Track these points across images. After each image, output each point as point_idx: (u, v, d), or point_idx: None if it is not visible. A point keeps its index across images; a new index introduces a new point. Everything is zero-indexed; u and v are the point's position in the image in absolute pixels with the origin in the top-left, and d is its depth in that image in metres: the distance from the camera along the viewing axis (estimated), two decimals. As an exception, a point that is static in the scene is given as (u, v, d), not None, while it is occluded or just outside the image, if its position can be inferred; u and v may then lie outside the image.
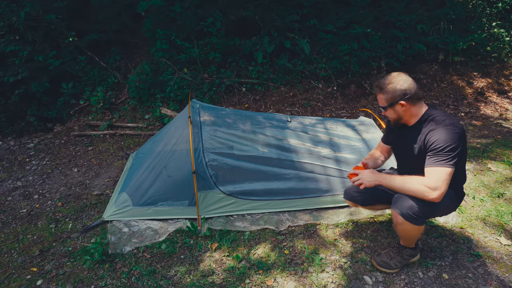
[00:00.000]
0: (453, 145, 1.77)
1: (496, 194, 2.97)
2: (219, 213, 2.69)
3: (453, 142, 1.77)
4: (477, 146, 4.08)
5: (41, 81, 5.10)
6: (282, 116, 3.24)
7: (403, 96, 1.87)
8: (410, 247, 2.12)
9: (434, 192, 1.75)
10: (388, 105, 1.94)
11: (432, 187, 1.76)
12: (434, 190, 1.75)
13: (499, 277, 2.11)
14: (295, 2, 5.93)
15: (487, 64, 6.22)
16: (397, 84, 1.88)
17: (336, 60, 5.73)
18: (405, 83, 1.87)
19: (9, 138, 4.94)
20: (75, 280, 2.19)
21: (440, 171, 1.77)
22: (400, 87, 1.87)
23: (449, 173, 1.77)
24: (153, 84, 5.37)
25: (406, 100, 1.88)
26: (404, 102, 1.88)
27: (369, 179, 1.94)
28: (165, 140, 2.94)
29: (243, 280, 2.13)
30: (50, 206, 3.10)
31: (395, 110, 1.94)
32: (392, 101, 1.91)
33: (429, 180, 1.78)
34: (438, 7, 6.47)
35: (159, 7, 5.63)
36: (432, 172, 1.79)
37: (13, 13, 5.00)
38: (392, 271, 2.14)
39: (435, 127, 1.85)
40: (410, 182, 1.83)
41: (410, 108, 1.91)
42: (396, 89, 1.88)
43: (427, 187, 1.77)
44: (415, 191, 1.80)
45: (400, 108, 1.91)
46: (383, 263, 2.16)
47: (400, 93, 1.87)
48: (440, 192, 1.75)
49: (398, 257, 2.13)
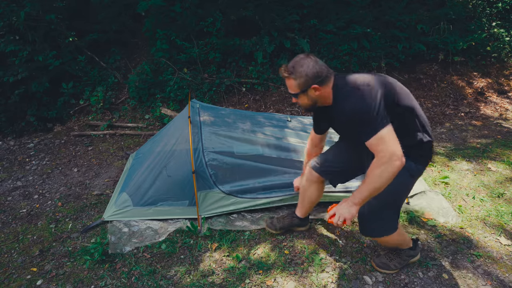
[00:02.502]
0: (367, 109, 1.59)
1: (496, 194, 2.97)
2: (219, 213, 2.69)
3: (365, 106, 1.60)
4: (477, 146, 4.08)
5: (41, 81, 5.10)
6: (282, 116, 3.24)
7: (315, 79, 1.71)
8: (408, 247, 2.12)
9: (393, 161, 1.56)
10: (301, 91, 1.76)
11: (387, 159, 1.57)
12: (392, 158, 1.56)
13: (499, 277, 2.11)
14: (295, 2, 5.93)
15: (487, 64, 6.22)
16: (307, 67, 1.70)
17: (336, 60, 5.72)
18: (316, 65, 1.71)
19: (9, 138, 4.94)
20: (75, 280, 2.19)
21: (378, 140, 1.59)
22: (312, 69, 1.70)
23: (387, 133, 1.58)
24: (153, 84, 5.37)
25: (319, 83, 1.72)
26: (318, 86, 1.72)
27: (347, 210, 1.70)
28: (165, 140, 2.94)
29: (243, 280, 2.13)
30: (50, 206, 3.10)
31: (308, 96, 1.78)
32: (304, 86, 1.74)
33: (378, 156, 1.60)
34: (438, 7, 6.46)
35: (159, 7, 5.63)
36: (373, 146, 1.62)
37: (13, 13, 5.00)
38: (392, 272, 2.14)
39: (344, 99, 1.69)
40: (372, 177, 1.63)
41: (324, 89, 1.75)
42: (308, 72, 1.70)
43: (386, 163, 1.58)
44: (382, 178, 1.60)
45: (314, 92, 1.75)
46: (382, 265, 2.15)
47: (312, 76, 1.70)
48: (398, 153, 1.57)
49: (398, 258, 2.13)
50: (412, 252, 2.13)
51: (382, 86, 1.67)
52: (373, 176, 1.62)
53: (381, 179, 1.61)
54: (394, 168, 1.57)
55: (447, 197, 2.94)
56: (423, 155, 1.80)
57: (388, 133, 1.58)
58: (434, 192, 2.96)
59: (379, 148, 1.59)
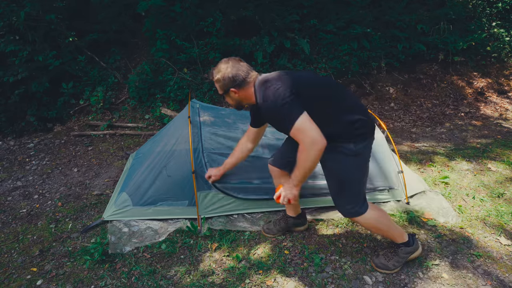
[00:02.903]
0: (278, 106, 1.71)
1: (496, 194, 2.97)
2: (219, 213, 2.69)
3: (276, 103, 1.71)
4: (477, 146, 4.08)
5: (41, 81, 5.09)
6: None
7: (231, 83, 1.87)
8: (405, 242, 2.10)
9: (313, 145, 1.68)
10: (224, 93, 1.94)
11: (308, 145, 1.69)
12: (311, 144, 1.68)
13: (499, 277, 2.11)
14: (295, 2, 5.93)
15: (487, 64, 6.22)
16: (224, 72, 1.86)
17: (336, 60, 5.73)
18: (232, 70, 1.85)
19: (9, 138, 4.94)
20: (75, 280, 2.19)
21: (296, 130, 1.70)
22: (227, 75, 1.85)
23: (302, 122, 1.69)
24: (153, 84, 5.37)
25: (236, 87, 1.87)
26: (235, 89, 1.88)
27: (289, 191, 1.91)
28: (165, 140, 2.94)
29: (243, 280, 2.13)
30: (50, 206, 3.10)
31: (230, 97, 1.95)
32: (224, 89, 1.91)
33: (300, 144, 1.73)
34: (438, 7, 6.46)
35: (159, 7, 5.63)
36: (294, 136, 1.73)
37: (13, 13, 4.99)
38: (391, 271, 2.14)
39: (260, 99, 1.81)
40: (300, 161, 1.78)
41: (244, 92, 1.90)
42: (224, 77, 1.86)
43: (307, 149, 1.70)
44: (308, 161, 1.74)
45: (234, 94, 1.91)
46: (381, 265, 2.16)
47: (229, 81, 1.86)
48: (316, 139, 1.68)
49: (396, 257, 2.13)
50: (408, 248, 2.11)
51: (291, 80, 1.78)
52: (300, 161, 1.77)
53: (307, 162, 1.75)
54: (316, 151, 1.70)
55: (447, 197, 2.94)
56: (359, 133, 1.85)
57: (304, 122, 1.69)
58: (434, 192, 2.96)
59: (299, 137, 1.71)
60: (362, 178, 1.95)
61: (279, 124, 1.82)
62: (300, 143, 1.73)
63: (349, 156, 1.85)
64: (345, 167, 1.89)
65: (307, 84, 1.84)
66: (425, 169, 3.51)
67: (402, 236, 2.10)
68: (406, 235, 2.11)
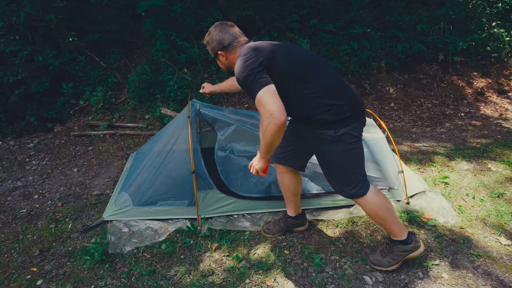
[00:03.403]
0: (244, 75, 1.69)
1: (496, 194, 2.97)
2: (219, 213, 2.69)
3: (242, 72, 1.70)
4: (477, 146, 4.08)
5: (41, 81, 5.09)
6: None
7: (219, 46, 1.91)
8: (401, 239, 2.05)
9: (272, 119, 1.61)
10: (214, 56, 1.99)
11: (266, 119, 1.63)
12: (270, 118, 1.62)
13: (499, 277, 2.11)
14: (295, 2, 5.93)
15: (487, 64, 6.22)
16: (213, 35, 1.92)
17: (336, 60, 5.72)
18: (219, 34, 1.90)
19: (9, 138, 4.93)
20: (75, 280, 2.19)
21: (258, 102, 1.66)
22: (215, 37, 1.91)
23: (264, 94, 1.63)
24: (153, 84, 5.37)
25: (223, 50, 1.91)
26: (222, 52, 1.92)
27: (257, 162, 1.91)
28: (164, 140, 2.94)
29: (243, 280, 2.13)
30: (50, 206, 3.10)
31: (220, 61, 1.99)
32: (214, 52, 1.96)
33: (261, 116, 1.68)
34: (438, 7, 6.46)
35: (159, 7, 5.62)
36: (257, 106, 1.68)
37: (13, 13, 4.99)
38: (386, 268, 2.12)
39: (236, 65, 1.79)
40: (262, 135, 1.73)
41: (230, 56, 1.93)
42: (212, 39, 1.92)
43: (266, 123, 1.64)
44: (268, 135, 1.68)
45: (222, 58, 1.95)
46: (376, 261, 2.16)
47: (216, 43, 1.92)
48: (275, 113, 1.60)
49: (390, 254, 2.11)
50: (404, 247, 2.06)
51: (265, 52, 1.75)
52: (261, 134, 1.73)
53: (268, 136, 1.69)
54: (273, 126, 1.63)
55: (447, 197, 2.94)
56: (336, 119, 1.81)
57: (266, 94, 1.63)
58: (434, 192, 2.96)
59: (260, 110, 1.67)
60: (353, 161, 1.92)
61: (247, 93, 1.77)
62: (261, 116, 1.69)
63: (333, 142, 1.84)
64: (331, 153, 1.88)
65: (284, 59, 1.79)
66: (425, 169, 3.51)
67: (401, 232, 2.05)
68: (405, 233, 2.06)
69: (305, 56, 1.88)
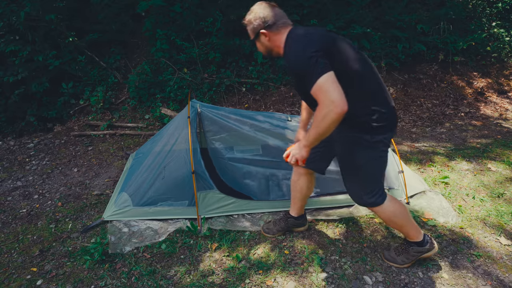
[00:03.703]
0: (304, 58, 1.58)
1: (496, 194, 2.97)
2: (219, 213, 2.69)
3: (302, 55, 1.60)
4: (477, 146, 4.08)
5: (41, 81, 5.10)
6: (282, 115, 3.24)
7: (263, 25, 1.79)
8: (417, 241, 2.09)
9: (333, 108, 1.53)
10: (254, 38, 1.86)
11: (326, 107, 1.55)
12: (331, 106, 1.54)
13: (499, 277, 2.11)
14: (295, 2, 5.93)
15: (487, 64, 6.22)
16: (256, 13, 1.80)
17: (336, 60, 5.72)
18: (264, 11, 1.79)
19: (9, 138, 4.94)
20: (75, 280, 2.19)
21: (319, 88, 1.56)
22: (259, 15, 1.79)
23: (326, 81, 1.55)
24: (153, 84, 5.37)
25: (267, 28, 1.79)
26: (265, 31, 1.79)
27: (298, 151, 1.83)
28: (164, 140, 2.94)
29: (243, 280, 2.13)
30: (50, 206, 3.10)
31: (261, 42, 1.86)
32: (255, 32, 1.83)
33: (320, 104, 1.58)
34: (438, 7, 6.46)
35: (159, 7, 5.63)
36: (314, 95, 1.59)
37: (13, 13, 5.00)
38: (399, 266, 2.17)
39: (287, 49, 1.71)
40: (316, 122, 1.64)
41: (274, 36, 1.80)
42: (255, 17, 1.80)
43: (325, 111, 1.56)
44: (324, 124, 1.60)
45: (264, 38, 1.82)
46: (390, 258, 2.20)
47: (260, 22, 1.79)
48: (337, 101, 1.53)
49: (405, 253, 2.15)
50: (420, 248, 2.10)
51: (326, 38, 1.66)
52: (316, 121, 1.63)
53: (322, 123, 1.61)
54: (334, 115, 1.55)
55: (447, 197, 2.94)
56: (378, 125, 1.75)
57: (327, 81, 1.55)
58: (434, 192, 2.96)
59: (320, 97, 1.57)
60: (379, 169, 1.90)
61: (302, 78, 1.65)
62: (319, 103, 1.59)
63: (367, 147, 1.80)
64: (362, 158, 1.83)
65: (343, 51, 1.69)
66: (425, 169, 3.51)
67: (417, 235, 2.08)
68: (421, 235, 2.09)
69: (359, 53, 1.77)
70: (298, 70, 1.66)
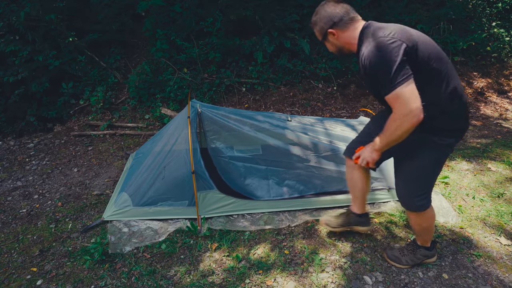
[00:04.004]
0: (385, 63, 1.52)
1: (496, 194, 2.97)
2: (219, 213, 2.69)
3: (383, 60, 1.52)
4: (477, 146, 4.08)
5: (41, 81, 5.10)
6: (282, 115, 3.24)
7: (329, 23, 1.73)
8: (425, 246, 2.12)
9: (410, 117, 1.52)
10: (322, 38, 1.81)
11: (403, 115, 1.53)
12: (408, 116, 1.51)
13: (499, 277, 2.11)
14: (295, 2, 5.93)
15: (487, 64, 6.22)
16: (320, 13, 1.76)
17: (336, 60, 5.72)
18: (328, 10, 1.74)
19: (9, 138, 4.94)
20: (75, 280, 2.19)
21: (396, 96, 1.53)
22: (324, 14, 1.74)
23: (406, 90, 1.51)
24: (153, 84, 5.37)
25: (333, 27, 1.73)
26: (333, 30, 1.74)
27: (369, 154, 1.82)
28: (164, 140, 2.94)
29: (243, 280, 2.13)
30: (50, 206, 3.10)
31: (330, 42, 1.81)
32: (323, 33, 1.78)
33: (395, 112, 1.56)
34: (438, 7, 6.46)
35: (159, 7, 5.63)
36: (391, 101, 1.56)
37: (13, 13, 5.00)
38: (401, 266, 2.17)
39: (365, 49, 1.62)
40: (389, 129, 1.63)
41: (343, 34, 1.74)
42: (320, 18, 1.75)
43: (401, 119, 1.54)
44: (398, 132, 1.59)
45: (332, 37, 1.77)
46: (394, 257, 2.19)
47: (326, 21, 1.74)
48: (415, 111, 1.50)
49: (411, 255, 2.15)
50: (427, 252, 2.13)
51: (410, 37, 1.57)
52: (390, 129, 1.62)
53: (396, 132, 1.59)
54: (410, 125, 1.54)
55: (447, 197, 2.94)
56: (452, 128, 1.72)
57: (407, 91, 1.51)
58: (434, 192, 2.95)
59: (395, 105, 1.55)
60: (437, 172, 1.85)
61: (377, 82, 1.59)
62: (395, 111, 1.56)
63: (436, 149, 1.75)
64: (430, 159, 1.76)
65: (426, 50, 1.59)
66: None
67: (430, 241, 2.12)
68: (431, 241, 2.13)
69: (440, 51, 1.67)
70: (375, 71, 1.57)
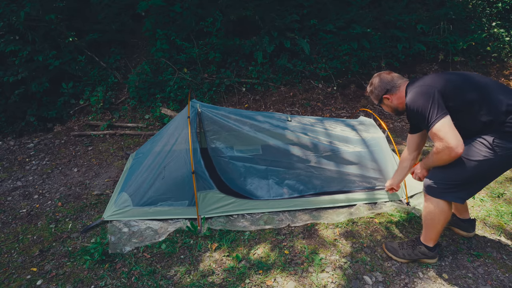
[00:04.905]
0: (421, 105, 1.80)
1: (496, 194, 2.97)
2: (219, 213, 2.69)
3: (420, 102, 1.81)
4: (477, 146, 4.08)
5: (41, 81, 5.09)
6: (282, 115, 3.24)
7: (383, 91, 2.10)
8: (427, 245, 2.13)
9: (448, 152, 1.74)
10: (379, 102, 2.17)
11: (441, 150, 1.77)
12: (445, 150, 1.75)
13: (499, 277, 2.11)
14: (295, 2, 5.93)
15: (487, 64, 6.22)
16: (375, 84, 2.13)
17: (336, 60, 5.72)
18: (381, 80, 2.11)
19: (9, 138, 4.93)
20: (75, 280, 2.19)
21: (435, 132, 1.77)
22: (378, 84, 2.12)
23: (442, 126, 1.74)
24: (153, 84, 5.37)
25: (387, 93, 2.10)
26: (387, 95, 2.10)
27: (419, 171, 2.10)
28: (164, 140, 2.94)
29: (243, 280, 2.13)
30: (50, 206, 3.10)
31: (386, 105, 2.17)
32: (378, 98, 2.15)
33: (436, 146, 1.80)
34: (438, 7, 6.46)
35: (159, 7, 5.63)
36: (431, 137, 1.81)
37: (13, 13, 5.00)
38: (397, 259, 2.21)
39: (407, 98, 1.93)
40: (432, 158, 1.89)
41: (395, 96, 2.09)
42: (375, 87, 2.13)
43: (441, 154, 1.79)
44: (439, 162, 1.86)
45: (388, 101, 2.13)
46: (391, 249, 2.24)
47: (380, 89, 2.11)
48: (452, 145, 1.72)
49: (410, 249, 2.18)
50: (427, 251, 2.14)
51: (439, 81, 1.85)
52: (433, 158, 1.89)
53: (438, 162, 1.87)
54: (449, 157, 1.78)
55: (447, 197, 2.93)
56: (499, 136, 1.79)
57: (444, 126, 1.74)
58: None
59: (436, 139, 1.79)
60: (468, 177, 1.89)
61: (421, 121, 1.86)
62: (436, 145, 1.80)
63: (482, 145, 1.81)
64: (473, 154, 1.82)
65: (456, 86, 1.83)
66: None
67: (433, 241, 2.13)
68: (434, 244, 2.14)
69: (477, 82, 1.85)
70: (417, 113, 1.84)
